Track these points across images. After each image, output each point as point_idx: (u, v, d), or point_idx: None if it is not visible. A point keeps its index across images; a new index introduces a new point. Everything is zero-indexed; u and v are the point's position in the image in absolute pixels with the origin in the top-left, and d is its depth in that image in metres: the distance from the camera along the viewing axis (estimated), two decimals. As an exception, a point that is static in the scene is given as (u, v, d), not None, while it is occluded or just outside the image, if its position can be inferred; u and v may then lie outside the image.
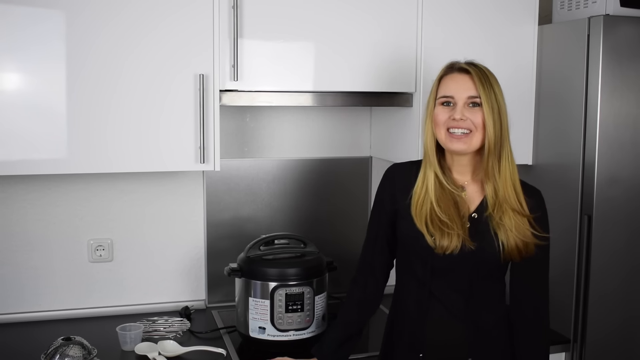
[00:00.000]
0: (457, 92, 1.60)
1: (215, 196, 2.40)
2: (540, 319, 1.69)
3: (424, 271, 1.65)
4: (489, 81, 1.59)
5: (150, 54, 1.94)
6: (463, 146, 1.60)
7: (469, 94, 1.59)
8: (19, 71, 1.85)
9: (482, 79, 1.58)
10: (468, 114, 1.58)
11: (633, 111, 2.06)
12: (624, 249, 2.10)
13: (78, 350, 1.84)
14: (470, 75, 1.59)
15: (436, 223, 1.61)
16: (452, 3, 2.19)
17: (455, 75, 1.62)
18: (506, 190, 1.60)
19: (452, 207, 1.62)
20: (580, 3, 2.17)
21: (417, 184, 1.66)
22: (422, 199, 1.64)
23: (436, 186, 1.63)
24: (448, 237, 1.59)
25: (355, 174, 2.56)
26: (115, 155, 1.94)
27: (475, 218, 1.64)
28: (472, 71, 1.59)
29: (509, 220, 1.59)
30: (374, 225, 1.78)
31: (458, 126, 1.59)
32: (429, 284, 1.65)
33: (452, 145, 1.60)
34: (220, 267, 2.24)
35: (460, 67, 1.62)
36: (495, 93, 1.58)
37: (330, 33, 2.07)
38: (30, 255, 2.26)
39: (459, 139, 1.59)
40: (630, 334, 2.15)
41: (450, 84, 1.61)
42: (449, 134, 1.60)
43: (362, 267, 1.81)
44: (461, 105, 1.59)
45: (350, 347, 1.79)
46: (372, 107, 2.56)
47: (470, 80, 1.59)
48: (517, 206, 1.59)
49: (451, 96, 1.60)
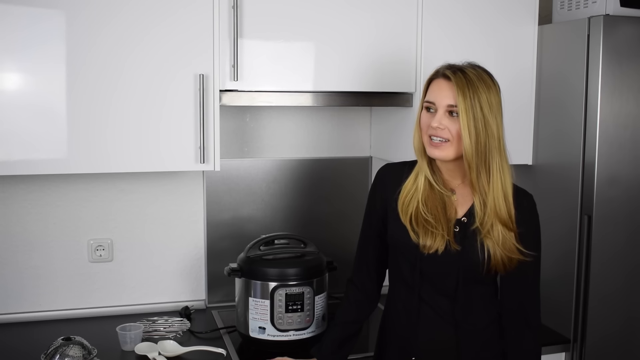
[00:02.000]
0: (438, 98, 1.56)
1: (215, 196, 2.40)
2: (530, 322, 1.68)
3: (412, 275, 1.65)
4: (474, 89, 1.52)
5: (150, 54, 1.94)
6: (440, 154, 1.57)
7: (447, 102, 1.55)
8: (19, 71, 1.85)
9: (464, 87, 1.52)
10: (446, 123, 1.55)
11: (633, 111, 2.06)
12: (624, 249, 2.10)
13: (78, 350, 1.84)
14: (451, 82, 1.54)
15: (421, 222, 1.61)
16: (452, 3, 2.19)
17: (439, 81, 1.58)
18: (497, 202, 1.56)
19: (439, 208, 1.62)
20: (580, 3, 2.17)
21: (409, 181, 1.66)
22: (410, 196, 1.64)
23: (425, 187, 1.63)
24: (432, 237, 1.59)
25: (355, 174, 2.56)
26: (115, 155, 1.94)
27: (464, 222, 1.63)
28: (454, 79, 1.53)
29: (497, 234, 1.57)
30: (366, 226, 1.79)
31: (436, 134, 1.56)
32: (418, 288, 1.65)
33: (431, 152, 1.59)
34: (220, 267, 2.24)
35: (444, 73, 1.57)
36: (479, 102, 1.52)
37: (330, 33, 2.07)
38: (30, 255, 2.26)
39: (437, 146, 1.57)
40: (630, 334, 2.15)
41: (434, 88, 1.59)
42: (430, 140, 1.58)
43: (357, 267, 1.82)
44: (441, 113, 1.56)
45: (350, 347, 1.80)
46: (372, 107, 2.56)
47: (450, 89, 1.54)
48: (507, 220, 1.57)
49: (432, 102, 1.58)
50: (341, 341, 1.78)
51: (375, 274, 1.80)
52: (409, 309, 1.68)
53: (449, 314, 1.64)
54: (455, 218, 1.63)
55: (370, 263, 1.79)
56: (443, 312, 1.64)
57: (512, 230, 1.57)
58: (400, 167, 1.73)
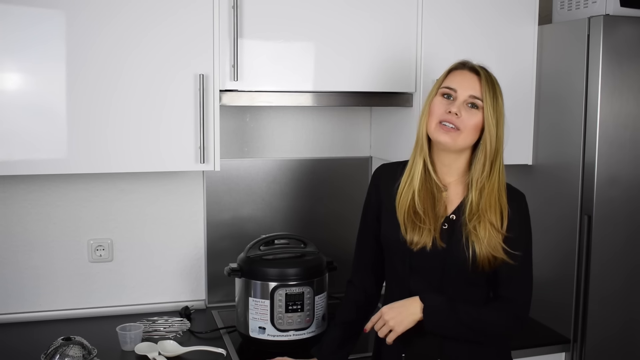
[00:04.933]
0: (462, 87, 1.60)
1: (215, 196, 2.40)
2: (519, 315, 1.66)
3: (403, 268, 1.67)
4: (495, 89, 1.60)
5: (151, 54, 1.94)
6: (449, 140, 1.59)
7: (471, 93, 1.59)
8: (19, 71, 1.85)
9: (489, 84, 1.60)
10: (464, 113, 1.59)
11: (633, 111, 2.06)
12: (624, 249, 2.10)
13: (78, 350, 1.84)
14: (479, 76, 1.60)
15: (411, 215, 1.63)
16: (452, 3, 2.19)
17: (465, 72, 1.63)
18: (490, 201, 1.60)
19: (429, 202, 1.64)
20: (580, 3, 2.17)
21: (405, 172, 1.68)
22: (407, 188, 1.65)
23: (422, 176, 1.65)
24: (419, 232, 1.61)
25: (355, 174, 2.56)
26: (116, 155, 1.94)
27: (453, 220, 1.64)
28: (482, 74, 1.61)
29: (483, 231, 1.59)
30: (363, 225, 1.81)
31: (451, 120, 1.58)
32: (407, 280, 1.66)
33: (440, 136, 1.59)
34: (220, 267, 2.24)
35: (472, 66, 1.63)
36: (498, 102, 1.60)
37: (330, 33, 2.07)
38: (30, 255, 2.26)
39: (447, 131, 1.59)
40: (630, 334, 2.15)
41: (458, 77, 1.62)
42: (439, 125, 1.60)
43: (355, 267, 1.83)
44: (461, 101, 1.59)
45: (350, 347, 1.80)
46: (372, 107, 2.56)
47: (478, 81, 1.60)
48: (495, 221, 1.59)
49: (454, 89, 1.61)
50: (341, 341, 1.79)
51: (374, 273, 1.81)
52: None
53: None
54: (445, 215, 1.65)
55: (368, 262, 1.80)
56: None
57: (499, 231, 1.60)
58: (394, 167, 1.75)
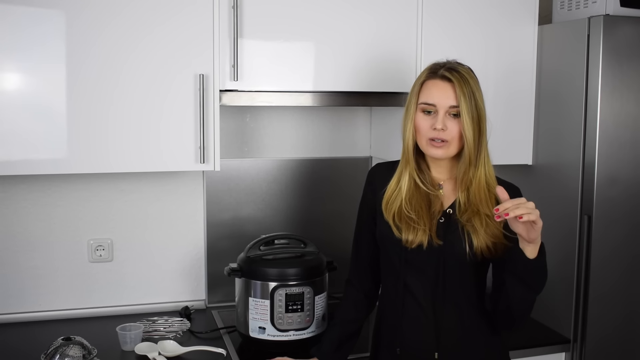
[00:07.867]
0: (440, 100, 1.59)
1: (215, 196, 2.40)
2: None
3: (399, 263, 1.68)
4: (470, 87, 1.58)
5: (151, 54, 1.94)
6: (442, 153, 1.61)
7: (450, 103, 1.58)
8: (19, 71, 1.85)
9: (463, 87, 1.57)
10: (448, 124, 1.59)
11: (633, 111, 2.06)
12: (624, 249, 2.10)
13: (78, 350, 1.84)
14: (452, 83, 1.58)
15: (404, 218, 1.64)
16: (452, 3, 2.19)
17: (438, 82, 1.60)
18: (479, 194, 1.61)
19: (423, 205, 1.65)
20: (580, 3, 2.17)
21: (392, 182, 1.69)
22: (395, 196, 1.67)
23: (409, 187, 1.66)
24: (413, 232, 1.62)
25: (355, 174, 2.55)
26: (116, 155, 1.94)
27: (450, 214, 1.65)
28: (454, 79, 1.57)
29: (479, 221, 1.60)
30: (359, 224, 1.82)
31: (438, 136, 1.59)
32: (403, 275, 1.67)
33: (433, 152, 1.62)
34: (220, 267, 2.24)
35: (443, 74, 1.60)
36: (475, 99, 1.58)
37: (330, 33, 2.07)
38: (30, 255, 2.26)
39: (439, 147, 1.61)
40: (630, 334, 2.15)
41: (433, 91, 1.60)
42: (430, 141, 1.61)
43: (353, 266, 1.84)
44: (442, 114, 1.59)
45: (350, 347, 1.81)
46: (372, 107, 2.56)
47: (452, 89, 1.58)
48: (490, 211, 1.59)
49: (433, 104, 1.60)
50: (341, 340, 1.79)
51: (372, 271, 1.81)
52: (396, 299, 1.69)
53: (429, 306, 1.65)
54: (441, 210, 1.66)
55: (366, 261, 1.81)
56: (424, 304, 1.66)
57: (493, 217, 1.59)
58: (389, 167, 1.76)
